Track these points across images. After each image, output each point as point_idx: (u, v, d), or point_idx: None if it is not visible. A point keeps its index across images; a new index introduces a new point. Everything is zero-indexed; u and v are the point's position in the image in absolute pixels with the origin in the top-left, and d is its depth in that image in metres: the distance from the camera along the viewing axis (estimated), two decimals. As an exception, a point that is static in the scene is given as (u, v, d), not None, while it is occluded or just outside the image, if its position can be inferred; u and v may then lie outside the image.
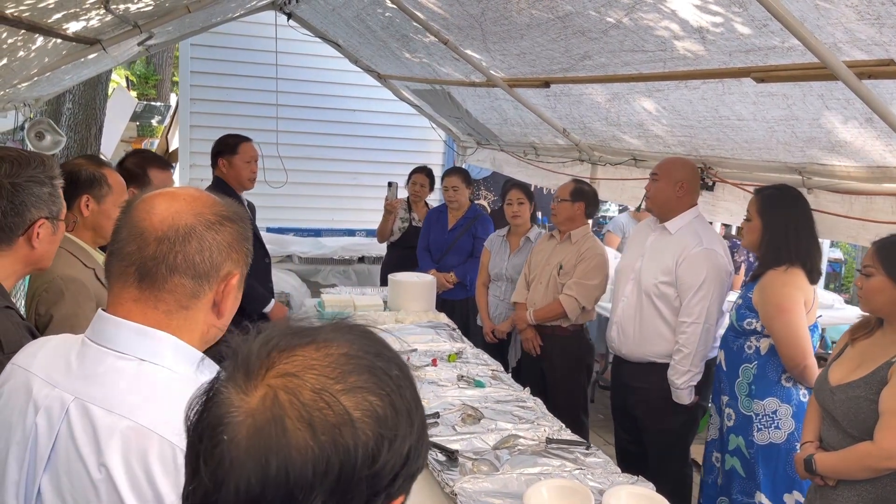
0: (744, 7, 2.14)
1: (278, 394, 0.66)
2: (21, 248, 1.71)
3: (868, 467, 2.18)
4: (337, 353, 0.70)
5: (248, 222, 1.19)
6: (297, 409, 0.65)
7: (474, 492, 2.09)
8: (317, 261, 6.50)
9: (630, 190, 4.21)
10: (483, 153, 6.44)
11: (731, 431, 3.00)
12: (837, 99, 2.37)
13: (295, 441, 0.64)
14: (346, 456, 0.65)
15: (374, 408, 0.68)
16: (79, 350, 1.11)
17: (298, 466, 0.63)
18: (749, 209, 2.96)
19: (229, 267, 1.14)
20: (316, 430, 0.64)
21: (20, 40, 2.35)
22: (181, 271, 1.09)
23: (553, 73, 3.70)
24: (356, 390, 0.68)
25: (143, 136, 13.14)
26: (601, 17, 2.73)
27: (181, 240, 1.09)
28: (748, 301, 2.92)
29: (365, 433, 0.66)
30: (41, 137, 4.70)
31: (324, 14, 5.20)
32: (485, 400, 2.83)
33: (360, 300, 4.25)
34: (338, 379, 0.67)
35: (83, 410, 1.03)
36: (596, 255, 3.89)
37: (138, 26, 3.38)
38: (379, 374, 0.70)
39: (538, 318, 3.93)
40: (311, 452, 0.64)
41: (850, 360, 2.36)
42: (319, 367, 0.68)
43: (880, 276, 2.24)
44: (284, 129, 6.73)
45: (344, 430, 0.65)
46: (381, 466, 0.67)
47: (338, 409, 0.65)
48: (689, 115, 3.21)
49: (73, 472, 1.01)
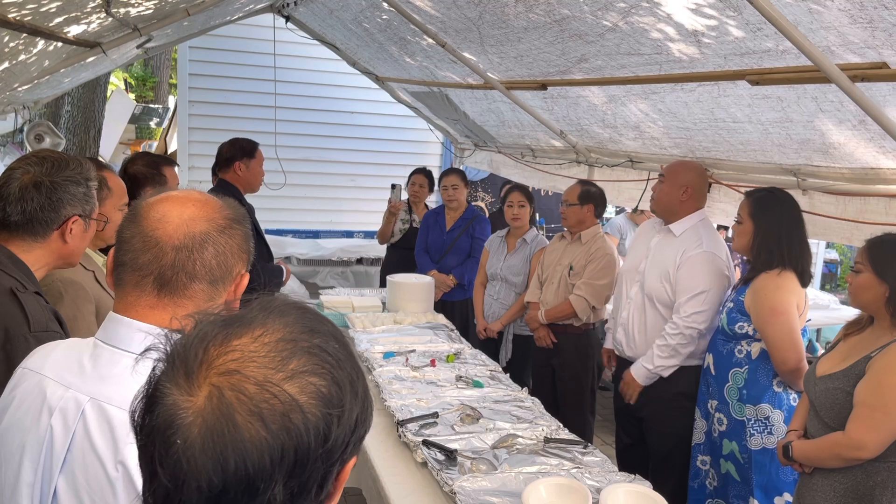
0: (738, 11, 2.17)
1: (223, 392, 0.66)
2: (54, 241, 1.85)
3: (837, 456, 2.25)
4: (272, 339, 0.71)
5: (248, 221, 1.22)
6: (245, 404, 0.66)
7: (473, 491, 2.11)
8: (315, 262, 6.51)
9: (627, 192, 4.23)
10: (480, 155, 6.46)
11: (724, 436, 3.00)
12: (831, 101, 2.40)
13: (248, 435, 0.65)
14: (300, 440, 0.67)
15: (319, 388, 0.69)
16: (91, 352, 1.12)
17: (255, 458, 0.65)
18: (740, 212, 2.96)
19: (240, 267, 1.18)
20: (266, 420, 0.65)
21: (21, 44, 2.37)
22: (200, 277, 1.12)
23: (550, 76, 3.72)
24: (298, 375, 0.69)
25: (141, 138, 13.15)
26: (597, 21, 2.75)
27: (198, 247, 1.11)
28: (740, 305, 2.92)
29: (314, 415, 0.68)
30: (40, 140, 4.71)
31: (322, 17, 5.22)
32: (483, 400, 2.84)
33: (358, 301, 4.27)
34: (278, 368, 0.68)
35: (100, 410, 1.04)
36: (605, 255, 3.94)
37: (138, 29, 3.40)
38: (317, 352, 0.72)
39: (549, 318, 3.99)
40: (266, 443, 0.65)
41: (839, 354, 2.42)
42: (258, 359, 0.69)
43: (868, 272, 2.28)
44: (283, 130, 6.75)
45: (293, 416, 0.66)
46: (333, 442, 0.69)
47: (284, 398, 0.67)
48: (684, 118, 3.23)
49: (90, 471, 1.02)
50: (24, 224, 1.80)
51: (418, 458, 2.36)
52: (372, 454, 2.48)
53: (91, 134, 7.81)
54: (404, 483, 2.29)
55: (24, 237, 1.81)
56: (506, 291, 4.43)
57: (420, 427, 2.56)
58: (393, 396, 2.80)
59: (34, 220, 1.80)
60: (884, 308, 2.27)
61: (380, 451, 2.50)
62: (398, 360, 3.26)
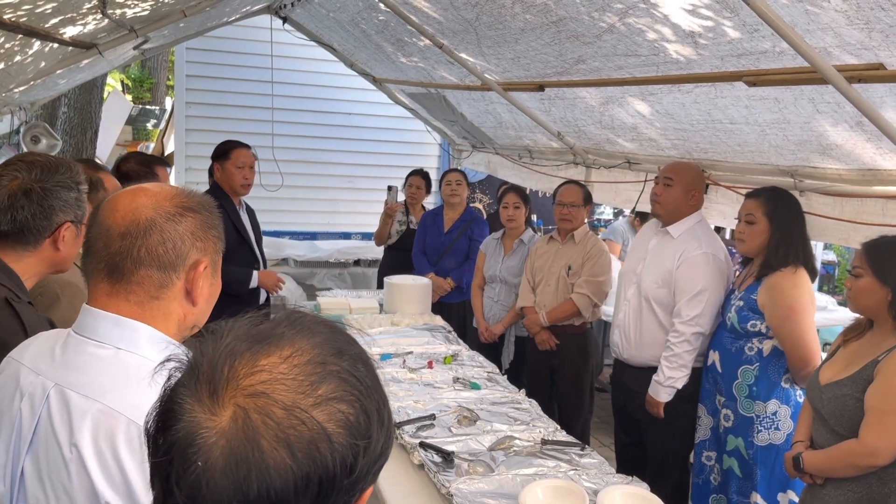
0: (735, 12, 2.17)
1: (250, 414, 0.64)
2: (46, 249, 1.78)
3: (852, 464, 2.21)
4: (302, 361, 0.68)
5: (214, 212, 1.23)
6: (272, 430, 0.64)
7: (470, 493, 2.10)
8: (312, 264, 6.51)
9: (624, 193, 4.23)
10: (478, 156, 6.46)
11: (730, 432, 2.99)
12: (828, 102, 2.40)
13: (273, 462, 0.63)
14: (325, 470, 0.65)
15: (347, 417, 0.67)
16: (64, 341, 1.17)
17: (279, 486, 0.63)
18: (752, 212, 2.90)
19: (196, 255, 1.18)
20: (293, 448, 0.64)
21: (17, 45, 2.36)
22: (146, 263, 1.14)
23: (547, 77, 3.72)
24: (327, 402, 0.67)
25: (138, 139, 13.12)
26: (595, 22, 2.75)
27: (142, 233, 1.13)
28: (752, 303, 2.89)
29: (341, 444, 0.66)
30: (37, 141, 4.70)
31: (319, 18, 5.22)
32: (480, 402, 2.84)
33: (356, 303, 4.26)
34: (307, 393, 0.66)
35: (61, 395, 1.09)
36: (601, 252, 3.96)
37: (134, 30, 3.39)
38: (346, 377, 0.70)
39: (551, 320, 3.96)
40: (291, 471, 0.63)
41: (841, 361, 2.39)
42: (287, 381, 0.66)
43: (868, 277, 2.26)
44: (280, 132, 6.74)
45: (321, 445, 0.65)
46: (358, 473, 0.68)
47: (312, 425, 0.65)
48: (682, 119, 3.23)
49: (51, 453, 1.07)
50: (14, 233, 1.72)
51: (415, 459, 2.36)
52: (369, 456, 2.47)
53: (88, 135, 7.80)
54: (401, 485, 2.28)
55: (14, 246, 1.74)
56: (506, 293, 4.42)
57: (417, 429, 2.55)
58: (390, 398, 2.79)
59: (25, 228, 1.72)
60: (886, 312, 2.24)
61: (377, 453, 2.49)
62: (395, 362, 3.26)
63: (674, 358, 3.17)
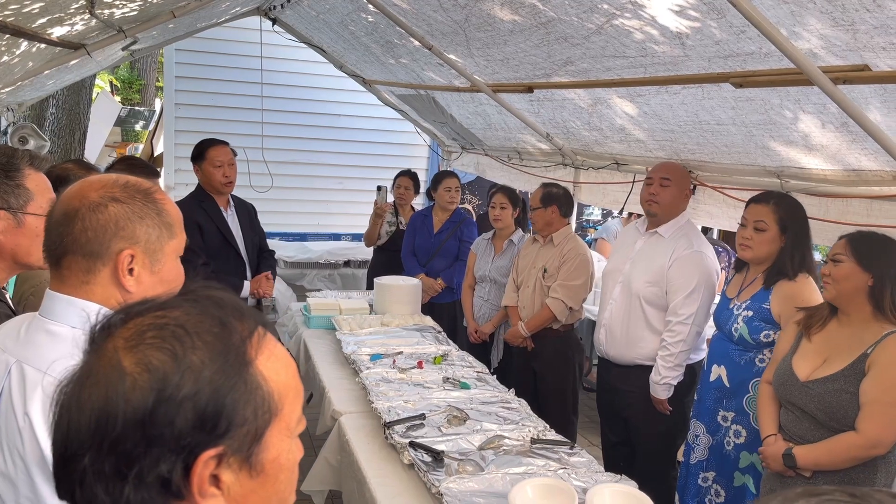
0: (721, 14, 2.18)
1: (100, 358, 0.73)
2: None
3: (854, 457, 2.25)
4: (159, 323, 0.74)
5: (149, 202, 1.26)
6: (93, 373, 0.72)
7: (460, 492, 2.11)
8: (302, 265, 6.49)
9: (612, 194, 4.25)
10: (468, 158, 6.47)
11: (743, 448, 2.85)
12: (814, 104, 2.42)
13: (86, 398, 0.70)
14: (120, 410, 0.69)
15: (151, 360, 0.70)
16: (29, 323, 1.27)
17: (83, 423, 0.70)
18: (763, 218, 2.78)
19: (121, 244, 1.23)
20: (98, 388, 0.70)
21: (4, 45, 2.35)
22: (71, 250, 1.22)
23: (536, 79, 3.74)
24: (141, 347, 0.71)
25: (127, 140, 13.06)
26: (583, 24, 2.77)
27: (67, 222, 1.21)
28: (764, 313, 2.77)
29: (141, 388, 0.69)
30: (24, 142, 4.67)
31: (308, 19, 5.22)
32: (470, 401, 2.85)
33: (345, 304, 4.26)
34: (136, 345, 0.72)
35: (20, 370, 1.19)
36: (578, 255, 3.93)
37: (123, 31, 3.38)
38: (172, 328, 0.73)
39: (531, 329, 3.98)
40: (94, 409, 0.69)
41: (815, 354, 2.41)
42: (141, 336, 0.73)
43: (850, 262, 2.30)
44: (270, 133, 6.73)
45: (118, 385, 0.70)
46: (157, 419, 0.68)
47: (119, 368, 0.70)
48: (669, 120, 3.25)
49: (9, 422, 1.17)
50: None
51: (405, 459, 2.36)
52: (359, 456, 2.48)
53: (76, 136, 7.76)
54: (391, 485, 2.28)
55: None
56: (496, 293, 4.43)
57: (407, 429, 2.55)
58: (380, 398, 2.80)
59: None
60: (865, 298, 2.29)
61: (367, 453, 2.50)
62: (385, 362, 3.26)
63: (670, 357, 3.20)
